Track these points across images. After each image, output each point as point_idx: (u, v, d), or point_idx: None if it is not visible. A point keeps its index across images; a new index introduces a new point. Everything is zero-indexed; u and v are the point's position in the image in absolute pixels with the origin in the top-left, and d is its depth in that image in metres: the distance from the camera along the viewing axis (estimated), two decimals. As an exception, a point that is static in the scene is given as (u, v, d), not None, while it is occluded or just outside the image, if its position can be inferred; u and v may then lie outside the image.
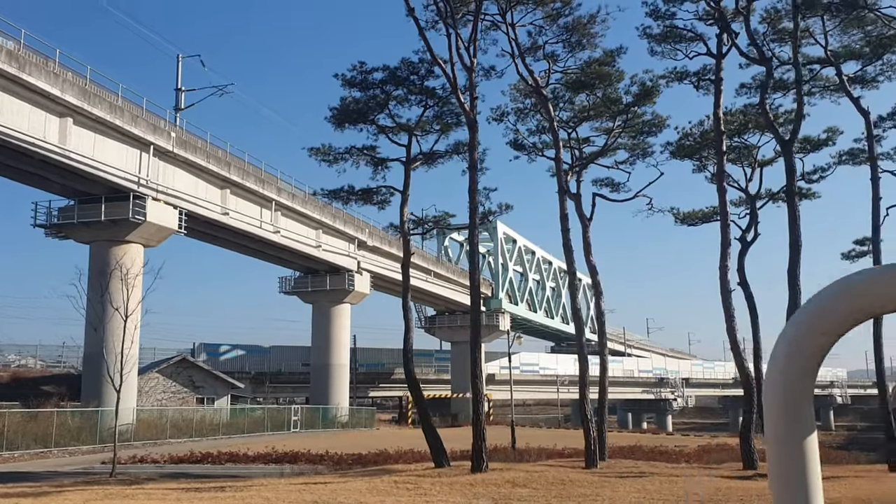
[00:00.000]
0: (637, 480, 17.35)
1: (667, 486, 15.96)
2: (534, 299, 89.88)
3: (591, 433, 22.20)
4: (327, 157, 26.30)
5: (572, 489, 15.45)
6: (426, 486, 16.12)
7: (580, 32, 24.46)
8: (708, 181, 31.07)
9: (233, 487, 17.82)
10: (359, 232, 61.21)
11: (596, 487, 15.69)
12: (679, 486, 16.08)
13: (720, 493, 15.12)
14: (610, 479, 17.35)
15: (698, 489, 15.50)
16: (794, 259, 20.36)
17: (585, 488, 15.65)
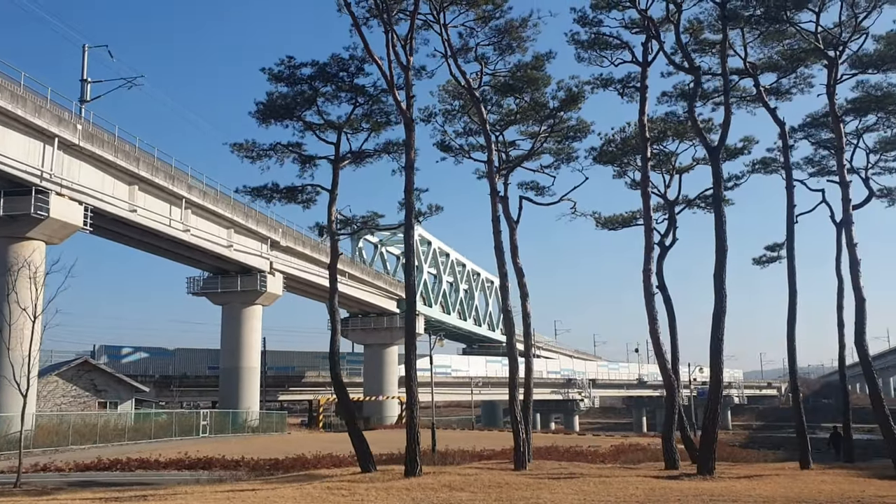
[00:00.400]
0: (571, 482, 17.41)
1: (602, 488, 16.05)
2: (448, 301, 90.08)
3: (521, 435, 22.22)
4: (250, 154, 25.53)
5: (511, 492, 15.34)
6: (361, 492, 15.73)
7: (511, 36, 24.49)
8: (628, 187, 31.69)
9: (154, 496, 17.00)
10: (272, 232, 59.96)
11: (534, 490, 15.63)
12: (615, 486, 16.19)
13: (656, 494, 15.29)
14: (544, 481, 17.34)
15: (635, 490, 15.64)
16: (720, 263, 20.85)
17: (524, 491, 15.56)
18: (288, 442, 48.24)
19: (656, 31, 23.98)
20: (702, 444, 20.54)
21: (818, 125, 29.72)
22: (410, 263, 21.02)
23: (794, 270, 25.50)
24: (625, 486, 16.20)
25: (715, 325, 20.35)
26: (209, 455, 33.05)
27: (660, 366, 24.40)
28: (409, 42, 22.05)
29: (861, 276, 23.39)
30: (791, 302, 25.46)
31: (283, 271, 62.50)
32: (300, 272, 64.82)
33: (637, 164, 30.78)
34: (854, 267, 23.44)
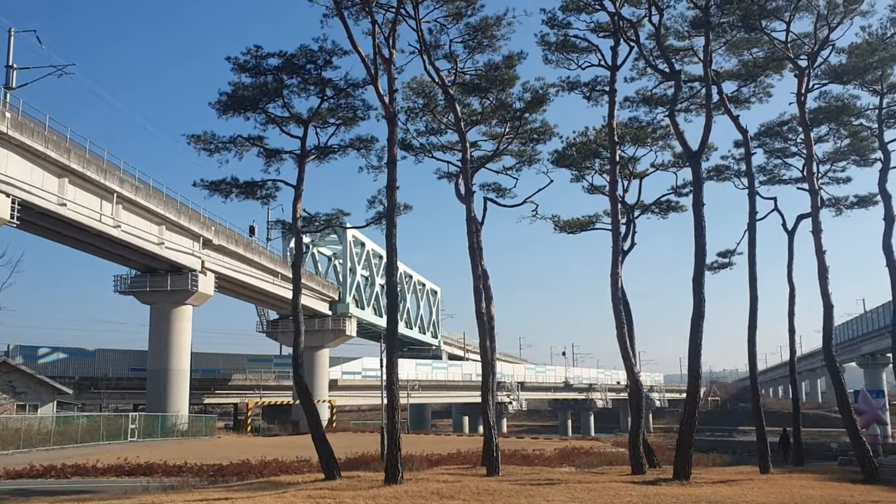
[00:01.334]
0: (557, 488, 17.08)
1: (595, 495, 15.77)
2: (380, 304, 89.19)
3: (494, 440, 21.82)
4: (209, 146, 24.48)
5: (504, 499, 14.91)
6: (348, 501, 15.04)
7: (485, 34, 24.12)
8: (585, 191, 31.73)
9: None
10: (205, 230, 58.10)
11: (527, 497, 15.23)
12: (607, 493, 15.93)
13: (652, 500, 15.09)
14: (531, 488, 16.96)
15: (630, 497, 15.40)
16: (699, 267, 20.91)
17: (517, 498, 15.15)
18: (222, 446, 46.78)
19: (637, 34, 23.98)
20: (679, 448, 20.53)
21: (772, 134, 30.32)
22: (393, 264, 20.31)
23: (755, 276, 25.87)
24: (617, 493, 15.96)
25: (693, 330, 20.39)
26: (147, 461, 31.68)
27: (627, 370, 24.36)
28: (391, 35, 21.44)
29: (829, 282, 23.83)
30: (752, 308, 25.79)
31: (214, 271, 60.65)
32: (233, 272, 63.06)
33: (596, 168, 30.85)
34: (822, 274, 23.87)
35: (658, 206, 31.60)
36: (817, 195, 24.33)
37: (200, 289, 58.03)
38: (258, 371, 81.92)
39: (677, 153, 30.10)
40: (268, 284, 68.49)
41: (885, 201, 24.94)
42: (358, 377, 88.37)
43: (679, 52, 26.77)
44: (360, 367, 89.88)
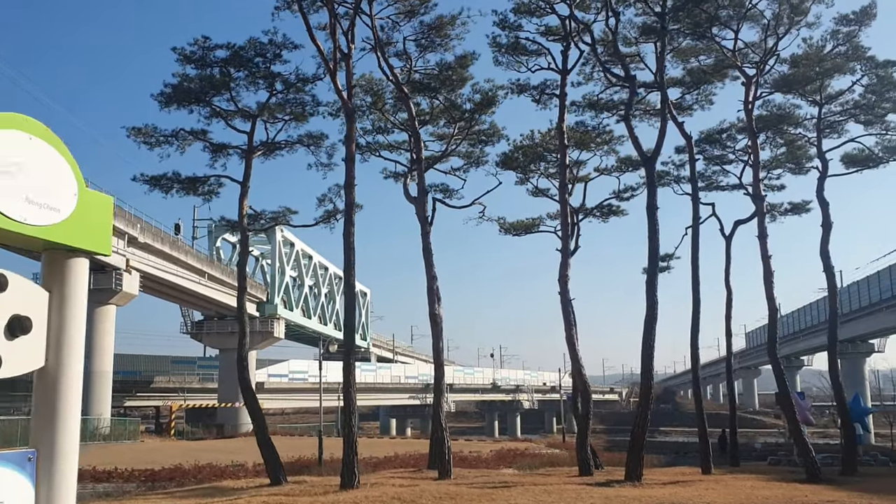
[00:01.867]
0: (514, 490, 16.92)
1: (557, 497, 15.67)
2: (308, 305, 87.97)
3: (447, 442, 21.55)
4: (150, 140, 23.55)
5: (469, 504, 14.67)
6: (310, 508, 14.56)
7: (439, 33, 23.87)
8: (529, 193, 31.78)
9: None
10: (130, 227, 56.15)
11: (489, 501, 15.03)
12: (569, 496, 15.84)
13: (613, 503, 15.08)
14: (487, 491, 16.76)
15: (592, 499, 15.36)
16: (652, 270, 21.08)
17: (478, 502, 14.92)
18: (148, 451, 45.22)
19: (593, 38, 24.11)
20: (631, 450, 20.64)
21: (712, 141, 30.93)
22: (350, 262, 19.75)
23: (698, 280, 26.28)
24: (578, 495, 15.90)
25: (646, 332, 20.54)
26: (76, 467, 30.27)
27: (574, 372, 24.44)
28: (351, 29, 20.97)
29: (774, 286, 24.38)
30: (695, 312, 26.22)
31: (140, 269, 58.71)
32: (159, 271, 61.18)
33: (541, 171, 30.97)
34: (768, 278, 24.41)
35: (600, 210, 31.92)
36: (763, 201, 24.88)
37: (125, 288, 56.09)
38: (182, 373, 79.77)
39: (622, 158, 30.50)
40: (194, 284, 66.73)
41: (822, 208, 25.67)
42: (285, 380, 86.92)
43: (626, 57, 27.01)
44: (287, 370, 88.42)
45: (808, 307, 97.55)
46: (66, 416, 3.76)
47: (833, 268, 25.71)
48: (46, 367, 3.74)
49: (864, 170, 27.49)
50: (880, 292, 75.15)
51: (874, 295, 76.92)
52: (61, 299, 3.86)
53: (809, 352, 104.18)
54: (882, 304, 73.99)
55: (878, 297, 75.04)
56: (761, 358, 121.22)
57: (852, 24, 24.35)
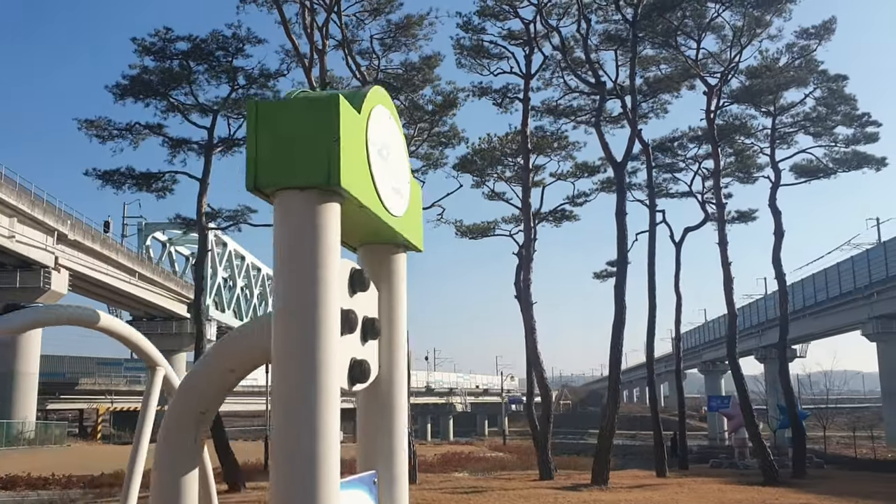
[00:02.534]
0: (488, 496, 16.78)
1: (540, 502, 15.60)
2: (241, 307, 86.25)
3: (412, 446, 21.27)
4: (103, 133, 22.67)
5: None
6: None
7: (406, 32, 23.61)
8: (485, 197, 31.75)
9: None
10: (60, 223, 54.06)
11: (471, 506, 14.86)
12: (545, 500, 15.78)
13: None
14: (463, 497, 16.59)
15: (571, 503, 15.34)
16: (621, 274, 21.22)
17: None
18: (78, 456, 43.40)
19: (563, 44, 24.18)
20: (598, 454, 20.74)
21: (664, 149, 31.39)
22: None
23: (654, 285, 26.62)
24: (556, 499, 15.86)
25: (614, 336, 20.67)
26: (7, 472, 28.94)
27: (537, 375, 24.43)
28: (325, 26, 20.52)
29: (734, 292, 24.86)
30: (650, 316, 26.58)
31: (69, 268, 56.57)
32: (88, 270, 59.08)
33: (497, 174, 30.98)
34: (728, 284, 24.86)
35: (553, 215, 32.07)
36: (724, 209, 25.34)
37: (53, 287, 53.89)
38: (108, 375, 77.30)
39: (579, 163, 30.67)
40: (125, 284, 64.73)
41: (775, 217, 26.30)
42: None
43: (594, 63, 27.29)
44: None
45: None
46: (400, 433, 3.46)
47: (785, 275, 26.44)
48: (380, 376, 3.37)
49: (813, 180, 28.33)
50: (804, 300, 77.57)
51: (798, 302, 79.39)
52: (390, 301, 3.46)
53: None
54: (805, 311, 76.33)
55: (802, 305, 77.46)
56: (688, 362, 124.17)
57: (812, 37, 25.07)
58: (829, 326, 76.78)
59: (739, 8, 23.56)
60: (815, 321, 76.43)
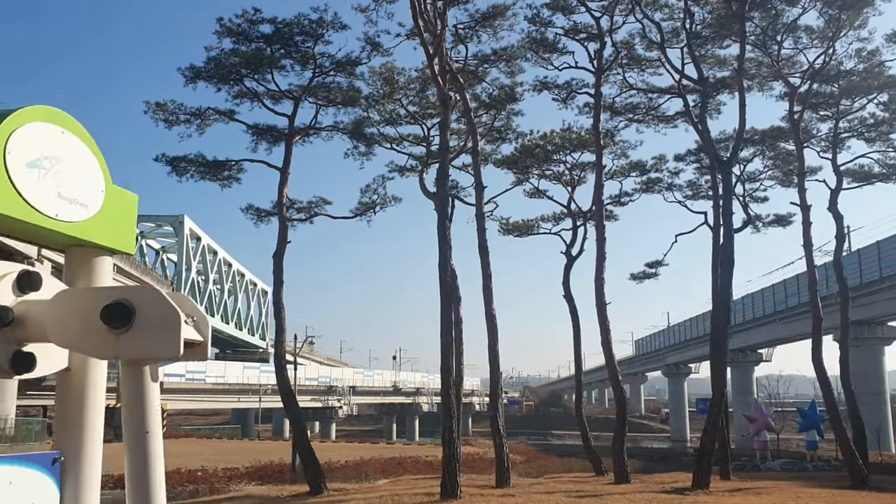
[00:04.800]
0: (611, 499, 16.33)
1: None
2: (213, 303, 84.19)
3: (505, 449, 20.64)
4: (171, 117, 21.58)
5: None
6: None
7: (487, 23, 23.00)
8: (526, 195, 31.33)
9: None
10: (45, 213, 51.86)
11: None
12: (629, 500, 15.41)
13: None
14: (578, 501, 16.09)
15: None
16: (727, 277, 20.93)
17: None
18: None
19: (663, 37, 23.81)
20: (700, 458, 20.48)
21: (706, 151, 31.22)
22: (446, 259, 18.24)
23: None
24: None
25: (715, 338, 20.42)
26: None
27: (612, 377, 24.03)
28: (444, 12, 19.73)
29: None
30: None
31: (51, 259, 54.28)
32: (70, 261, 56.83)
33: (540, 172, 30.63)
34: (813, 285, 24.91)
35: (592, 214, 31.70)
36: (808, 210, 25.15)
37: (36, 278, 51.69)
38: (76, 372, 74.61)
39: (633, 162, 30.41)
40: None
41: (837, 221, 26.34)
42: (181, 380, 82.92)
43: (644, 61, 27.06)
44: (184, 370, 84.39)
45: (699, 318, 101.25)
46: (91, 418, 3.80)
47: (846, 279, 26.61)
48: (71, 369, 3.72)
49: (867, 185, 28.51)
50: (774, 305, 78.96)
51: (768, 307, 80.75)
52: None
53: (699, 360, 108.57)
54: (775, 316, 77.68)
55: (773, 309, 78.81)
56: (649, 365, 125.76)
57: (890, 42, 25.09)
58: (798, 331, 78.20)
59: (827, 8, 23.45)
60: (784, 326, 77.80)
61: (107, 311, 3.36)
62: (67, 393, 3.78)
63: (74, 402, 3.76)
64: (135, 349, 3.39)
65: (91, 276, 3.90)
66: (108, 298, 3.40)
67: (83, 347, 3.58)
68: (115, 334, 3.38)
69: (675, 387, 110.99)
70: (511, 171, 30.28)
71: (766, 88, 27.56)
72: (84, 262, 3.88)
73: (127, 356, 3.46)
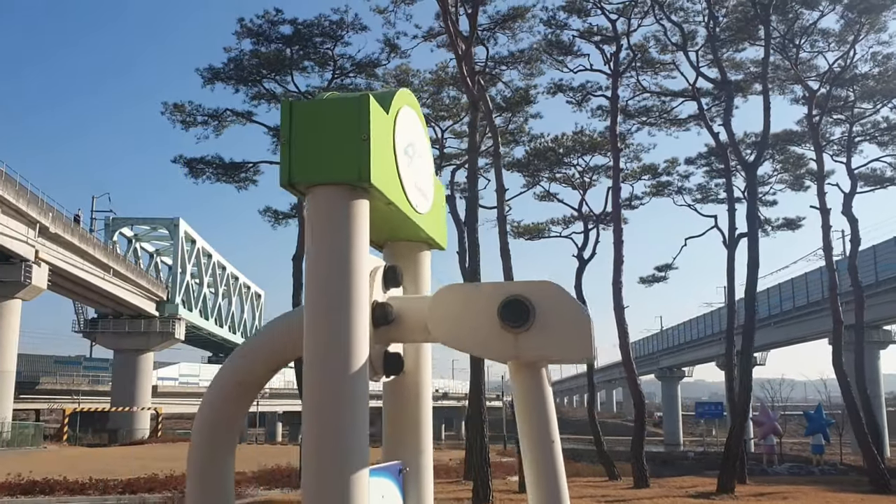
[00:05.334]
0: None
1: None
2: (206, 306, 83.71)
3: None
4: (189, 118, 21.37)
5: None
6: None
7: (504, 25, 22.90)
8: (536, 198, 31.25)
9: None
10: (42, 216, 51.34)
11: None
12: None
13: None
14: None
15: None
16: (752, 281, 20.84)
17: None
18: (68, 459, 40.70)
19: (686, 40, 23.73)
20: (725, 462, 20.43)
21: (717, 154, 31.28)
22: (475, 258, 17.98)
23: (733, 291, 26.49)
24: None
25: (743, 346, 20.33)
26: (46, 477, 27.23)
27: (630, 381, 23.96)
28: (474, 14, 19.56)
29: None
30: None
31: (49, 262, 53.83)
32: (67, 265, 56.37)
33: (550, 176, 30.56)
34: (833, 286, 24.94)
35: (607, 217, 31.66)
36: (828, 214, 25.16)
37: (34, 282, 51.18)
38: (69, 374, 74.22)
39: (645, 165, 30.39)
40: (99, 280, 62.00)
41: (851, 225, 26.39)
42: (175, 383, 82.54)
43: (658, 64, 27.04)
44: (178, 373, 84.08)
45: (694, 321, 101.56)
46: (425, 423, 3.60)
47: (861, 283, 26.63)
48: (407, 369, 3.52)
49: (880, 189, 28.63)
50: (769, 308, 79.19)
51: (763, 311, 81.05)
52: None
53: (694, 363, 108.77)
54: (770, 320, 77.90)
55: (767, 314, 79.05)
56: (642, 368, 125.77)
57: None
58: (793, 335, 78.41)
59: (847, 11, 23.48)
60: (779, 330, 78.03)
61: (504, 308, 3.08)
62: (401, 397, 3.56)
63: (410, 406, 3.55)
64: (537, 350, 3.06)
65: (417, 274, 3.64)
66: (504, 295, 3.10)
67: (477, 348, 3.32)
68: (513, 333, 3.08)
69: (668, 390, 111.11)
70: (522, 174, 30.19)
71: (787, 92, 27.61)
72: (410, 258, 3.62)
73: (528, 357, 3.12)
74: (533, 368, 3.10)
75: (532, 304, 3.09)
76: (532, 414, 3.18)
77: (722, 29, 24.45)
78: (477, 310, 3.13)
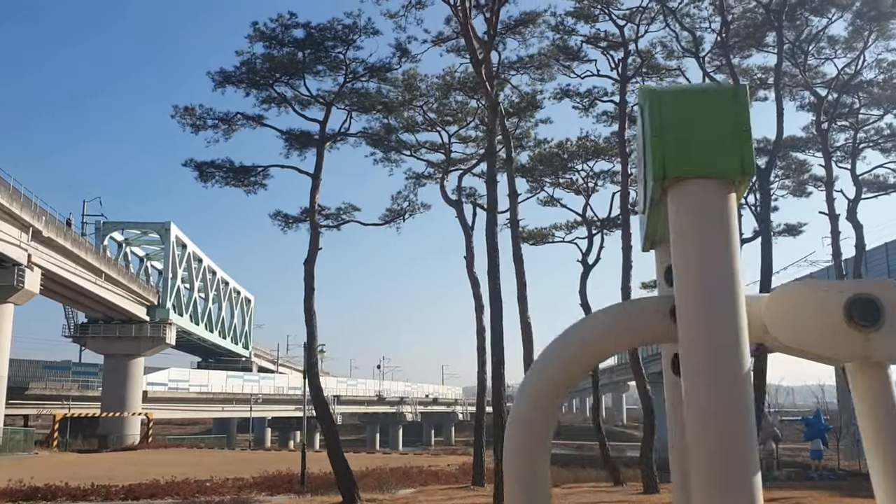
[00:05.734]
0: None
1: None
2: (196, 310, 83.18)
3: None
4: (199, 122, 21.24)
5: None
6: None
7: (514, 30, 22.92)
8: (540, 203, 31.25)
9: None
10: (35, 219, 50.86)
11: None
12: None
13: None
14: None
15: None
16: (765, 281, 20.94)
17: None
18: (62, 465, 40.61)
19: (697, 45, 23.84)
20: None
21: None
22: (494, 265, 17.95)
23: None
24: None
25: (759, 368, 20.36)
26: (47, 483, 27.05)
27: (640, 388, 23.97)
28: (494, 18, 19.55)
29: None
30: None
31: (41, 266, 53.33)
32: (60, 269, 55.86)
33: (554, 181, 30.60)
34: None
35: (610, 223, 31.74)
36: (836, 220, 25.38)
37: (27, 286, 50.65)
38: (59, 380, 73.41)
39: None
40: (91, 284, 61.46)
41: (856, 230, 26.59)
42: (164, 388, 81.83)
43: (664, 70, 27.14)
44: (167, 378, 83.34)
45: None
46: None
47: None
48: None
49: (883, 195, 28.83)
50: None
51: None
52: None
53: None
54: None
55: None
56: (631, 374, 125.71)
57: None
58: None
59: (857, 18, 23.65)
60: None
61: (853, 306, 3.05)
62: None
63: None
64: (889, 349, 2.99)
65: None
66: (849, 293, 3.06)
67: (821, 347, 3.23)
68: (863, 333, 3.05)
69: (657, 395, 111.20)
70: (526, 179, 30.19)
71: (796, 97, 27.79)
72: None
73: (879, 356, 3.02)
74: (879, 369, 3.04)
75: (882, 302, 3.06)
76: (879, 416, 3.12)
77: (730, 35, 24.57)
78: (820, 308, 3.07)
